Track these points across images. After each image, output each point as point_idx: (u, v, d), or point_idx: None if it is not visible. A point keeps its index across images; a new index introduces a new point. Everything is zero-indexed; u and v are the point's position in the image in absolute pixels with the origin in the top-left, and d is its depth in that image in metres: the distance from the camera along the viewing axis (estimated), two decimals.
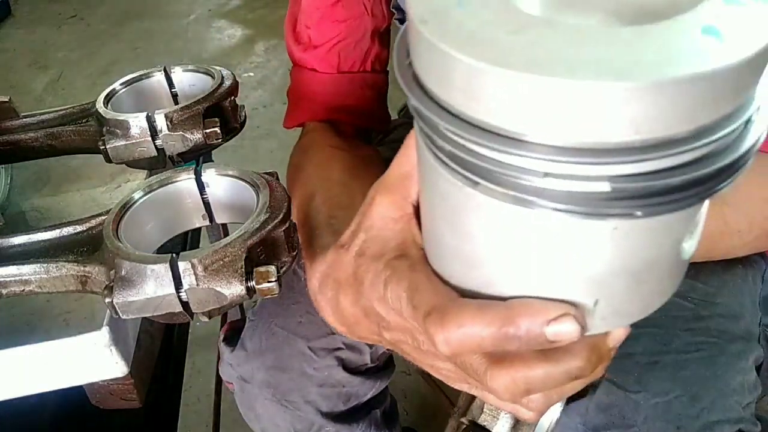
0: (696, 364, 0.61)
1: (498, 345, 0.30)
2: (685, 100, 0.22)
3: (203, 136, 0.60)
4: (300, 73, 0.80)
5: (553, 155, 0.24)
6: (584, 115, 0.22)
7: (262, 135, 2.36)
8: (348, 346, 0.75)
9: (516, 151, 0.24)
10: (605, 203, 0.25)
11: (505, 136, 0.24)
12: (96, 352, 0.54)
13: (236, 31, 3.19)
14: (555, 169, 0.24)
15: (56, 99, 2.68)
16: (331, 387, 0.76)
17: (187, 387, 1.40)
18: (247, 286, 0.43)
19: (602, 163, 0.24)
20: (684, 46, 0.22)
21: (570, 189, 0.25)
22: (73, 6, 3.56)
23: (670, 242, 0.29)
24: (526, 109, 0.23)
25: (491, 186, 0.26)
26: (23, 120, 0.69)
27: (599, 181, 0.24)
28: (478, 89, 0.24)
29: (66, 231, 0.52)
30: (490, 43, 0.24)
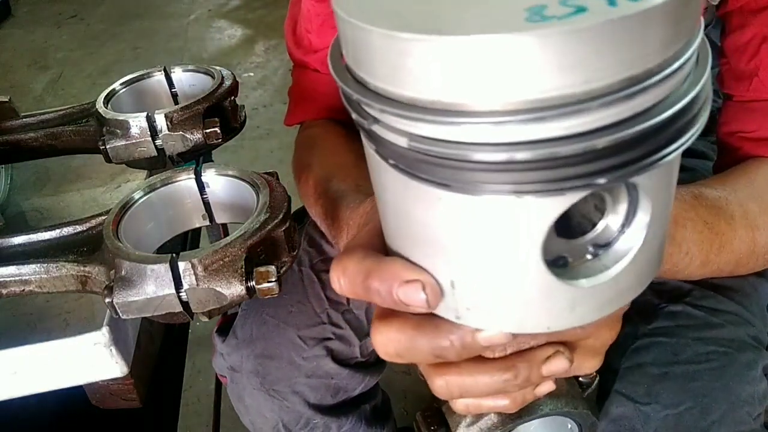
0: (707, 374, 0.60)
1: (369, 298, 0.32)
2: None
3: (203, 136, 0.60)
4: (302, 73, 0.80)
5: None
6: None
7: (262, 135, 2.36)
8: (338, 336, 0.76)
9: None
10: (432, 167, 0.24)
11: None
12: (96, 352, 0.54)
13: (236, 31, 3.19)
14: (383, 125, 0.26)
15: (56, 99, 2.68)
16: (319, 378, 0.76)
17: (187, 387, 1.40)
18: (247, 286, 0.43)
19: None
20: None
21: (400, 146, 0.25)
22: (73, 6, 3.56)
23: (520, 245, 0.26)
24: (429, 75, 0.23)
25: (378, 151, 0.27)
26: (23, 120, 0.69)
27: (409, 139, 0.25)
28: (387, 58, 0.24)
29: (66, 231, 0.52)
30: (398, 13, 0.23)
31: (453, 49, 0.22)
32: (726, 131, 0.67)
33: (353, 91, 0.26)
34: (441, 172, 0.25)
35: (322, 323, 0.75)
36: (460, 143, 0.24)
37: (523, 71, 0.22)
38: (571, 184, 0.23)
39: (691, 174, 0.80)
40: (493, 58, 0.22)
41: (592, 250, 0.29)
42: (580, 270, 0.29)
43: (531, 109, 0.22)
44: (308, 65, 0.79)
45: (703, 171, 0.81)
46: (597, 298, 0.29)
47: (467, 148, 0.23)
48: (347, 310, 0.76)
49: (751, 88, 0.63)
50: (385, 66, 0.24)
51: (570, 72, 0.22)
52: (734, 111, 0.66)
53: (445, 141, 0.24)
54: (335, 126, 0.78)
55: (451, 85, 0.23)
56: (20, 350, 0.53)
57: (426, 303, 0.30)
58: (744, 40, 0.62)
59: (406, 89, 0.24)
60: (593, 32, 0.21)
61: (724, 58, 0.66)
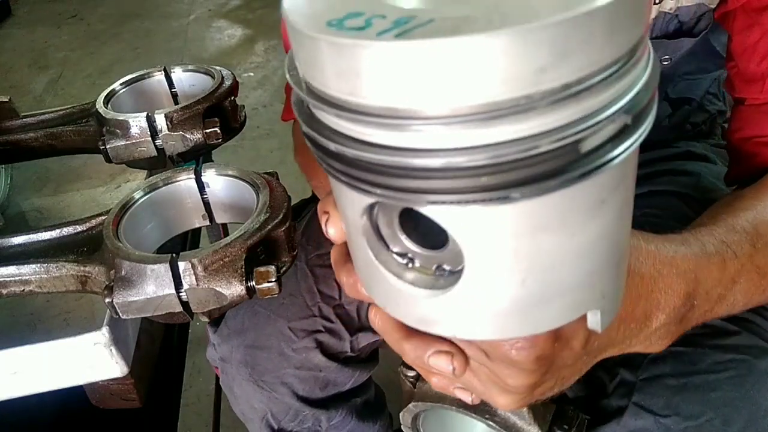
0: (726, 384, 0.58)
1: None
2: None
3: (203, 136, 0.60)
4: None
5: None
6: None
7: (262, 135, 2.36)
8: (328, 329, 0.76)
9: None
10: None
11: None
12: (96, 352, 0.54)
13: (236, 31, 3.19)
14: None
15: (56, 99, 2.68)
16: (308, 370, 0.76)
17: (187, 387, 1.40)
18: (247, 286, 0.43)
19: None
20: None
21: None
22: (73, 6, 3.56)
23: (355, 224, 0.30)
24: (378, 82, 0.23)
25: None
26: (23, 120, 0.69)
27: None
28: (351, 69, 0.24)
29: (66, 231, 0.52)
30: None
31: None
32: (740, 137, 0.64)
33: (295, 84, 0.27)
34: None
35: (312, 316, 0.76)
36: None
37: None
38: (361, 186, 0.25)
39: (695, 178, 0.79)
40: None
41: (435, 268, 0.30)
42: (425, 279, 0.30)
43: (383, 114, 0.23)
44: None
45: (708, 175, 0.81)
46: (443, 315, 0.30)
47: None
48: (339, 305, 0.77)
49: (764, 89, 0.61)
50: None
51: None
52: (747, 115, 0.64)
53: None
54: None
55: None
56: (20, 350, 0.53)
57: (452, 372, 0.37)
58: (752, 41, 0.61)
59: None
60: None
61: (732, 62, 0.64)
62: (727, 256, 0.47)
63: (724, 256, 0.47)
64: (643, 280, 0.41)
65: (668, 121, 0.84)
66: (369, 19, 0.23)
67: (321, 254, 0.79)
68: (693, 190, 0.78)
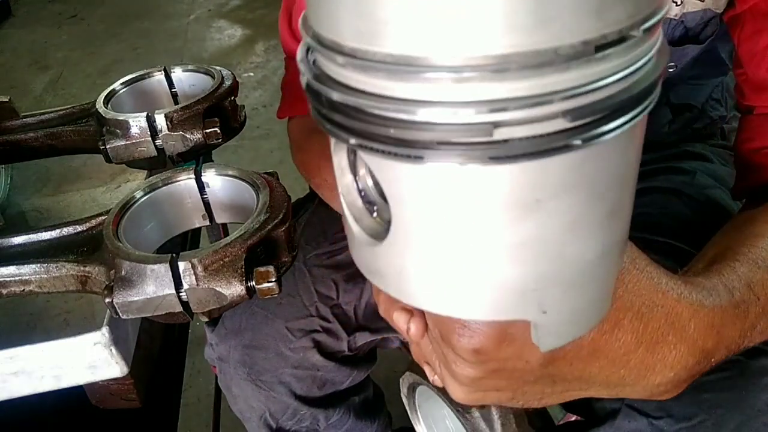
0: (717, 385, 0.56)
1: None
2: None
3: (203, 136, 0.60)
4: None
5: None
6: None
7: (262, 135, 2.36)
8: (325, 329, 0.76)
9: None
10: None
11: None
12: (96, 352, 0.54)
13: (236, 31, 3.19)
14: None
15: (56, 99, 2.68)
16: (306, 369, 0.76)
17: (187, 387, 1.40)
18: (247, 286, 0.43)
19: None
20: None
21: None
22: (73, 6, 3.56)
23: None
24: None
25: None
26: (23, 120, 0.69)
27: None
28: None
29: (66, 231, 0.52)
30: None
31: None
32: (749, 148, 0.61)
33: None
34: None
35: (310, 315, 0.76)
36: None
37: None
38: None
39: (691, 176, 0.79)
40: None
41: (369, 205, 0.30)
42: (374, 228, 0.30)
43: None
44: None
45: (704, 173, 0.81)
46: (379, 266, 0.29)
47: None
48: (336, 304, 0.77)
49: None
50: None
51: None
52: (757, 125, 0.61)
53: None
54: None
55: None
56: (20, 350, 0.53)
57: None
58: (761, 47, 0.59)
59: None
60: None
61: (740, 69, 0.62)
62: (751, 301, 0.43)
63: (748, 303, 0.43)
64: (646, 329, 0.37)
65: (668, 127, 0.84)
66: None
67: (319, 254, 0.79)
68: (688, 187, 0.78)
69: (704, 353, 0.40)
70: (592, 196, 0.25)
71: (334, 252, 0.79)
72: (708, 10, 0.68)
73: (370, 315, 0.78)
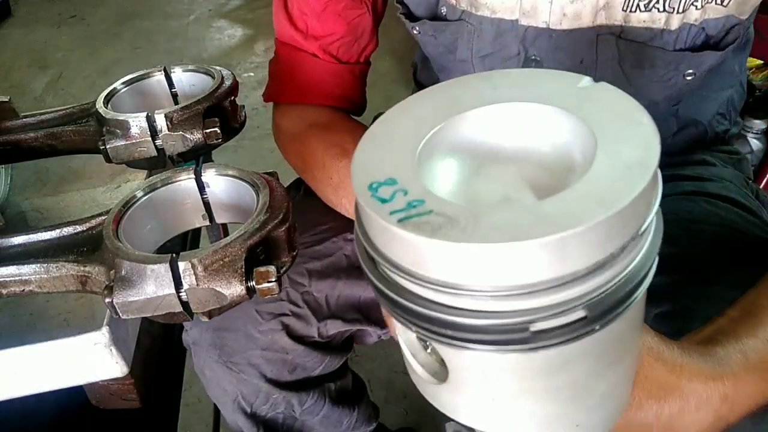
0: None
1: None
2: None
3: (203, 136, 0.60)
4: (296, 55, 0.82)
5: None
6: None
7: (262, 135, 2.36)
8: (295, 314, 0.76)
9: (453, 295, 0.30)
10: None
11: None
12: (96, 352, 0.54)
13: (236, 31, 3.19)
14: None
15: (56, 99, 2.68)
16: (275, 352, 0.76)
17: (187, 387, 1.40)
18: (247, 286, 0.43)
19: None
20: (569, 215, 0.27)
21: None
22: (73, 6, 3.56)
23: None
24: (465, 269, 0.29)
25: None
26: (23, 120, 0.69)
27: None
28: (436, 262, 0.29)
29: (66, 231, 0.52)
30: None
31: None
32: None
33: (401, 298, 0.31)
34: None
35: (280, 300, 0.76)
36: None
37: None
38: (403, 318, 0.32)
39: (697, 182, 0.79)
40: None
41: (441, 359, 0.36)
42: (430, 364, 0.37)
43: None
44: (305, 49, 0.80)
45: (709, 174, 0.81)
46: (435, 394, 0.37)
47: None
48: (307, 291, 0.77)
49: None
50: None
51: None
52: None
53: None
54: (344, 114, 0.81)
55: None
56: (20, 350, 0.53)
57: None
58: None
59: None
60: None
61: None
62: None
63: (766, 361, 0.43)
64: (662, 408, 0.41)
65: (671, 139, 0.84)
66: (396, 191, 0.29)
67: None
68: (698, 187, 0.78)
69: (718, 419, 0.42)
70: (607, 349, 0.33)
71: (311, 243, 0.80)
72: (731, 16, 0.66)
73: (343, 306, 0.79)
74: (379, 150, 0.32)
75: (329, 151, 0.75)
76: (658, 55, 0.68)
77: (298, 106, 0.84)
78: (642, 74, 0.70)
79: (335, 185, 0.74)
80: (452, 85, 0.36)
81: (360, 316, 0.80)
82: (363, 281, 0.78)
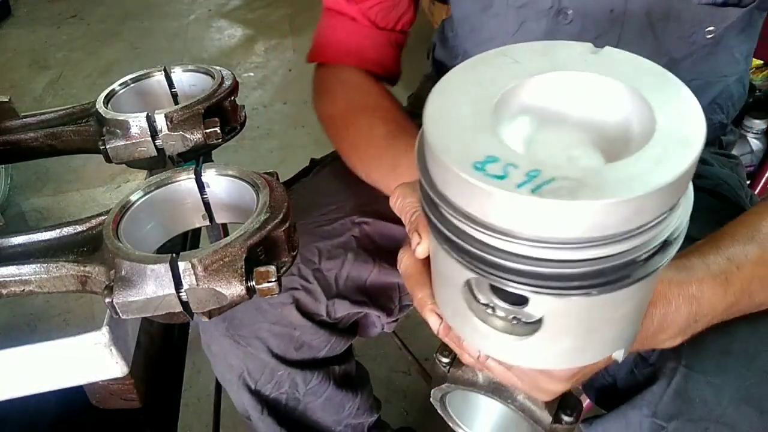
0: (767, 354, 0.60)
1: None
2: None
3: (203, 136, 0.60)
4: (338, 19, 0.86)
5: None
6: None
7: (262, 135, 2.36)
8: (305, 288, 0.77)
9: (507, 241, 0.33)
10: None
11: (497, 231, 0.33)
12: (96, 352, 0.54)
13: (236, 31, 3.19)
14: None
15: (56, 99, 2.68)
16: (283, 327, 0.76)
17: (187, 387, 1.40)
18: (247, 286, 0.43)
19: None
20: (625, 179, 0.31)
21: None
22: (73, 6, 3.56)
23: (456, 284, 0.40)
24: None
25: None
26: (23, 120, 0.69)
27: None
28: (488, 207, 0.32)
29: (66, 231, 0.52)
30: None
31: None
32: None
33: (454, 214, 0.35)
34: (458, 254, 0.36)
35: (291, 274, 0.77)
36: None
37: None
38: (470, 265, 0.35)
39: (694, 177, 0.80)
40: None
41: (511, 318, 0.40)
42: (506, 326, 0.40)
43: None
44: (347, 12, 0.84)
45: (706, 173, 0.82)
46: (517, 352, 0.41)
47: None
48: (318, 269, 0.78)
49: None
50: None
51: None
52: None
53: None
54: (376, 81, 0.84)
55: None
56: (20, 350, 0.53)
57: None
58: None
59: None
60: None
61: None
62: (730, 272, 0.52)
63: (727, 273, 0.52)
64: (655, 309, 0.49)
65: None
66: (505, 167, 0.31)
67: (307, 223, 0.81)
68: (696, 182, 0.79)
69: (689, 315, 0.51)
70: (647, 292, 0.41)
71: (322, 222, 0.81)
72: None
73: (351, 287, 0.80)
74: (455, 124, 0.34)
75: (354, 108, 0.78)
76: (684, 7, 0.70)
77: (335, 68, 0.87)
78: (667, 27, 0.72)
79: (357, 145, 0.76)
80: (485, 62, 0.39)
81: (366, 298, 0.81)
82: (370, 264, 0.80)
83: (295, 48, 2.94)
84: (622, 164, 0.31)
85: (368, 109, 0.79)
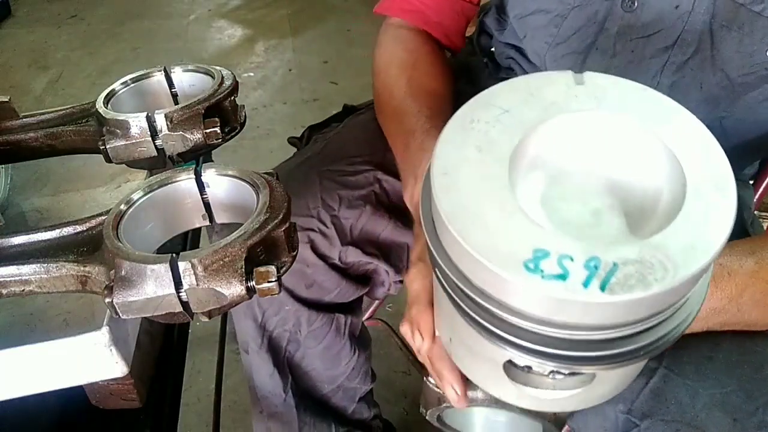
0: (748, 365, 0.61)
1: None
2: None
3: (203, 136, 0.60)
4: None
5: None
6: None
7: (262, 135, 2.35)
8: (321, 232, 0.80)
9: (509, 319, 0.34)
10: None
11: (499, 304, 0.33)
12: (96, 352, 0.54)
13: (236, 31, 3.19)
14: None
15: (56, 99, 2.68)
16: (297, 262, 0.78)
17: (187, 387, 1.40)
18: (247, 286, 0.43)
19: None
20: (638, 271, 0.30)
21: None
22: (73, 6, 3.56)
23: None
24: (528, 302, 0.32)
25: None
26: (23, 120, 0.69)
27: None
28: (500, 287, 0.32)
29: (66, 231, 0.52)
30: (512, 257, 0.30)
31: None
32: None
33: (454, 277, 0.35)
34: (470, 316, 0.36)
35: (310, 216, 0.80)
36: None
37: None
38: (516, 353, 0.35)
39: None
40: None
41: (548, 372, 0.39)
42: (536, 379, 0.40)
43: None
44: None
45: None
46: (566, 400, 0.41)
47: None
48: (336, 216, 0.81)
49: None
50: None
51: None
52: None
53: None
54: (429, 42, 0.86)
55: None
56: (20, 350, 0.53)
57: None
58: None
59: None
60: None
61: None
62: (719, 276, 0.54)
63: (716, 276, 0.53)
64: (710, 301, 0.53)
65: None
66: (560, 260, 0.29)
67: (332, 170, 0.84)
68: None
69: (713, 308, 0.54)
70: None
71: (347, 173, 0.84)
72: None
73: (364, 238, 0.82)
74: (475, 209, 0.32)
75: (405, 99, 0.78)
76: (751, 19, 0.66)
77: (394, 22, 0.87)
78: (728, 36, 0.67)
79: (400, 110, 0.77)
80: (474, 117, 0.37)
81: (378, 252, 0.83)
82: (385, 219, 0.82)
83: (295, 48, 2.94)
84: (672, 231, 0.30)
85: (405, 72, 0.79)
